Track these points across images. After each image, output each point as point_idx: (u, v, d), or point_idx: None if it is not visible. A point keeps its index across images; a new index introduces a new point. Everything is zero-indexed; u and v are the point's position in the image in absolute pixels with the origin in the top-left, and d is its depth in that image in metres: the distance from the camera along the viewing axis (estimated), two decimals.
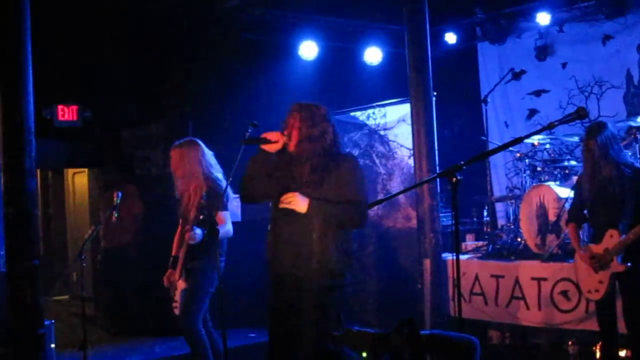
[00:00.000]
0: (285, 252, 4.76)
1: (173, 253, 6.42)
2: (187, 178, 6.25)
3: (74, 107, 9.44)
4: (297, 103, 4.90)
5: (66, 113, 9.37)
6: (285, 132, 4.80)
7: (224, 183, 6.13)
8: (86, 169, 11.62)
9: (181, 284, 6.19)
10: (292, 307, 4.75)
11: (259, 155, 4.83)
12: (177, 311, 6.24)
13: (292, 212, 4.67)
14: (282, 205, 4.67)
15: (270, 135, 4.80)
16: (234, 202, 6.49)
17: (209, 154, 6.38)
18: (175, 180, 6.37)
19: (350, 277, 4.80)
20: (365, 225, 4.82)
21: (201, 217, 5.84)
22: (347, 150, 5.12)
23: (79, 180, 12.24)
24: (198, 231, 5.95)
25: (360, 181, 4.76)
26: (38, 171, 11.69)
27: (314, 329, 4.67)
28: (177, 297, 6.20)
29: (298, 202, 4.64)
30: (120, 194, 6.73)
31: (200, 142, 6.40)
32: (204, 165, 6.27)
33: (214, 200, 5.99)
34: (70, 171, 12.49)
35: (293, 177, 4.77)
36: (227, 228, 6.09)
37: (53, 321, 7.11)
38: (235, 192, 6.45)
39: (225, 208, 6.10)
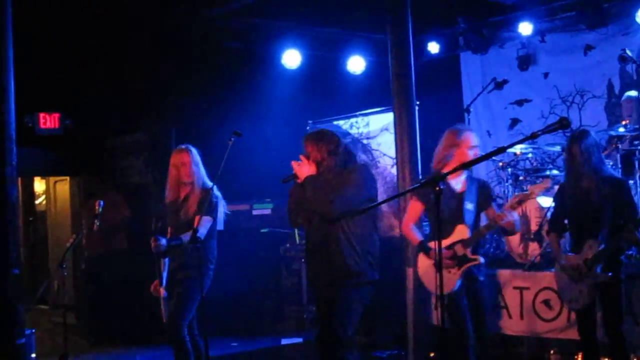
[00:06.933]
0: (313, 260, 5.44)
1: None
2: (184, 183, 6.33)
3: (56, 115, 9.38)
4: (306, 134, 5.50)
5: (48, 121, 9.31)
6: (311, 159, 5.31)
7: (216, 192, 6.22)
8: (68, 177, 11.55)
9: (162, 292, 6.16)
10: (324, 305, 5.37)
11: (293, 188, 5.40)
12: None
13: (318, 225, 5.28)
14: (293, 164, 5.27)
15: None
16: (220, 209, 6.47)
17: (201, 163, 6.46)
18: (170, 185, 6.41)
19: (371, 274, 5.32)
20: (331, 216, 5.15)
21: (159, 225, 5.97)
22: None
23: (60, 188, 12.17)
24: (163, 242, 6.01)
25: (354, 182, 5.19)
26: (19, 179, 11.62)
27: (331, 324, 5.21)
28: (162, 304, 6.17)
29: (302, 169, 5.24)
30: (102, 203, 6.67)
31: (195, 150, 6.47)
32: (200, 173, 6.35)
33: (201, 205, 6.06)
34: (52, 179, 12.42)
35: None
36: (200, 232, 5.99)
37: (34, 330, 7.07)
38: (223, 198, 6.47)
39: (206, 213, 6.07)
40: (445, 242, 5.75)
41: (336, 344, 5.16)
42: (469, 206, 5.81)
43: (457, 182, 5.88)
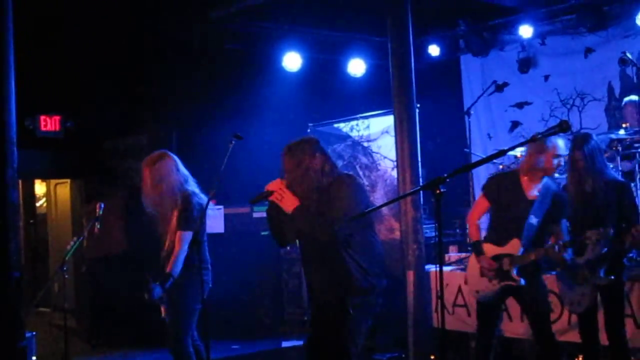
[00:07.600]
0: (313, 273, 5.11)
1: None
2: (162, 196, 5.99)
3: (57, 118, 9.39)
4: (285, 146, 5.05)
5: (49, 123, 9.32)
6: (286, 176, 4.97)
7: (199, 197, 5.95)
8: (68, 180, 11.55)
9: (162, 312, 6.11)
10: (323, 319, 5.08)
11: (270, 209, 5.06)
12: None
13: (314, 239, 4.91)
14: (272, 198, 4.89)
15: (272, 186, 4.96)
16: (216, 213, 6.40)
17: (182, 167, 6.09)
18: (145, 197, 6.10)
19: (379, 284, 5.01)
20: (332, 238, 4.84)
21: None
22: (344, 171, 5.33)
23: (61, 190, 12.16)
24: (157, 291, 5.76)
25: (346, 200, 4.85)
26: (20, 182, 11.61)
27: (337, 343, 4.94)
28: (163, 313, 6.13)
29: (287, 201, 4.86)
30: (102, 205, 6.65)
31: (173, 154, 6.14)
32: (179, 181, 6.00)
33: (180, 219, 5.84)
34: (53, 181, 12.42)
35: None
36: (179, 252, 5.75)
37: (34, 333, 7.06)
38: (218, 203, 6.38)
39: (186, 228, 5.78)
40: (496, 251, 5.64)
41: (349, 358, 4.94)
42: (533, 220, 5.53)
43: (534, 189, 5.63)
